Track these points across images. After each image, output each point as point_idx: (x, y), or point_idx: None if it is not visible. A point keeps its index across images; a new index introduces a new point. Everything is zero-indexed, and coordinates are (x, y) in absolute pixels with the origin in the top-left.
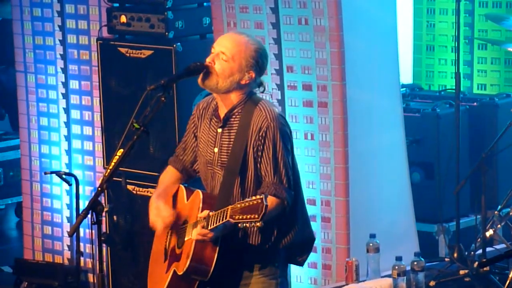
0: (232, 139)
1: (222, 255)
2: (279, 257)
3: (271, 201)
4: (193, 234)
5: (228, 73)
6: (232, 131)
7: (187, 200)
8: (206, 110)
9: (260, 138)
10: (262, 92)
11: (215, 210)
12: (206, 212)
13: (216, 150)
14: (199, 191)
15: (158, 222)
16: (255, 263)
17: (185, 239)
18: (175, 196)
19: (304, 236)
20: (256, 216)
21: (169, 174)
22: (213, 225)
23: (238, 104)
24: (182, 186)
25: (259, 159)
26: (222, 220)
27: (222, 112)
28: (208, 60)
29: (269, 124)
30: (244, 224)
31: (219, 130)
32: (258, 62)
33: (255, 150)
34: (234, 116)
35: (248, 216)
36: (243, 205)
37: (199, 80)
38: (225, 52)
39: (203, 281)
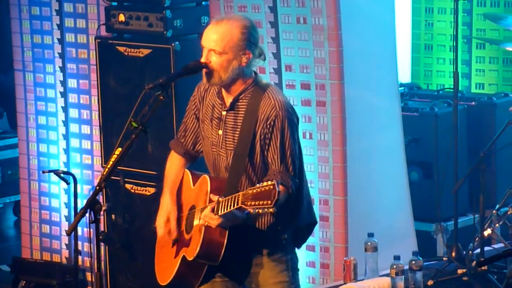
0: (238, 124)
1: (231, 240)
2: (285, 234)
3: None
4: (201, 218)
5: (226, 64)
6: (238, 115)
7: (194, 185)
8: (208, 92)
9: (268, 126)
10: (264, 60)
11: (224, 195)
12: (215, 197)
13: (220, 132)
14: (206, 176)
15: (161, 232)
16: (264, 245)
17: (194, 224)
18: (180, 182)
19: (308, 220)
20: (269, 202)
21: (174, 163)
22: (223, 211)
23: (246, 89)
24: (187, 171)
25: (266, 147)
26: (233, 206)
27: (228, 96)
28: (203, 60)
29: (277, 113)
30: (257, 210)
31: (224, 112)
32: (250, 40)
33: (263, 138)
34: (241, 100)
35: (261, 202)
36: (254, 191)
37: (205, 81)
38: (214, 48)
39: (212, 265)
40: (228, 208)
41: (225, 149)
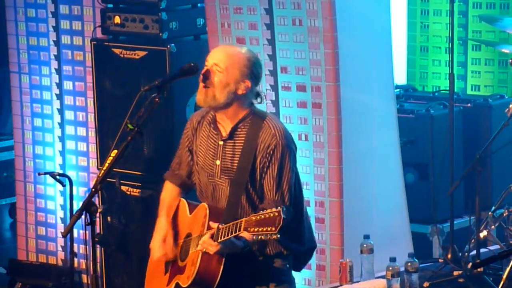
0: (237, 153)
1: (228, 267)
2: (288, 260)
3: None
4: (199, 245)
5: (224, 83)
6: (237, 144)
7: (190, 213)
8: (201, 124)
9: (267, 155)
10: (260, 103)
11: (224, 223)
12: (215, 224)
13: (218, 162)
14: (204, 204)
15: (156, 254)
16: (266, 271)
17: (190, 251)
18: (175, 210)
19: (308, 246)
20: (273, 228)
21: (169, 191)
22: (223, 237)
23: (244, 118)
24: (183, 200)
25: (263, 175)
26: (235, 232)
27: (225, 125)
28: (203, 72)
29: (277, 142)
30: (260, 237)
31: (221, 142)
32: (253, 71)
33: (261, 167)
34: (240, 129)
35: (265, 229)
36: (258, 217)
37: (197, 100)
38: (218, 63)
39: None
40: (229, 234)
41: (223, 178)
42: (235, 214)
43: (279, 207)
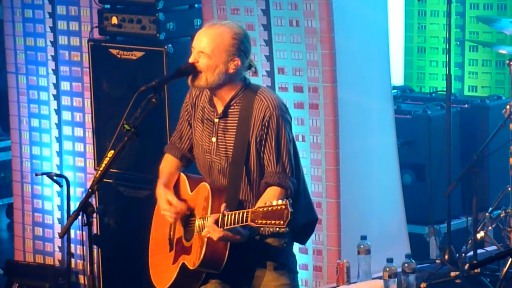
0: (233, 130)
1: (232, 248)
2: (285, 238)
3: (277, 192)
4: (204, 230)
5: (212, 67)
6: (232, 121)
7: (191, 191)
8: (199, 98)
9: (263, 127)
10: (255, 72)
11: (226, 204)
12: (223, 206)
13: (214, 139)
14: (206, 183)
15: (170, 216)
16: (265, 250)
17: (195, 233)
18: (176, 185)
19: (308, 218)
20: (281, 222)
21: (169, 163)
22: (228, 225)
23: (237, 94)
24: (183, 175)
25: (262, 149)
26: (241, 222)
27: (219, 104)
28: (190, 60)
29: (271, 113)
30: (268, 229)
31: (216, 120)
32: (240, 47)
33: (258, 140)
34: (233, 107)
35: (272, 222)
36: (265, 209)
37: (189, 82)
38: (203, 49)
39: (210, 272)
40: (235, 223)
41: (219, 156)
42: (237, 194)
43: (285, 200)
